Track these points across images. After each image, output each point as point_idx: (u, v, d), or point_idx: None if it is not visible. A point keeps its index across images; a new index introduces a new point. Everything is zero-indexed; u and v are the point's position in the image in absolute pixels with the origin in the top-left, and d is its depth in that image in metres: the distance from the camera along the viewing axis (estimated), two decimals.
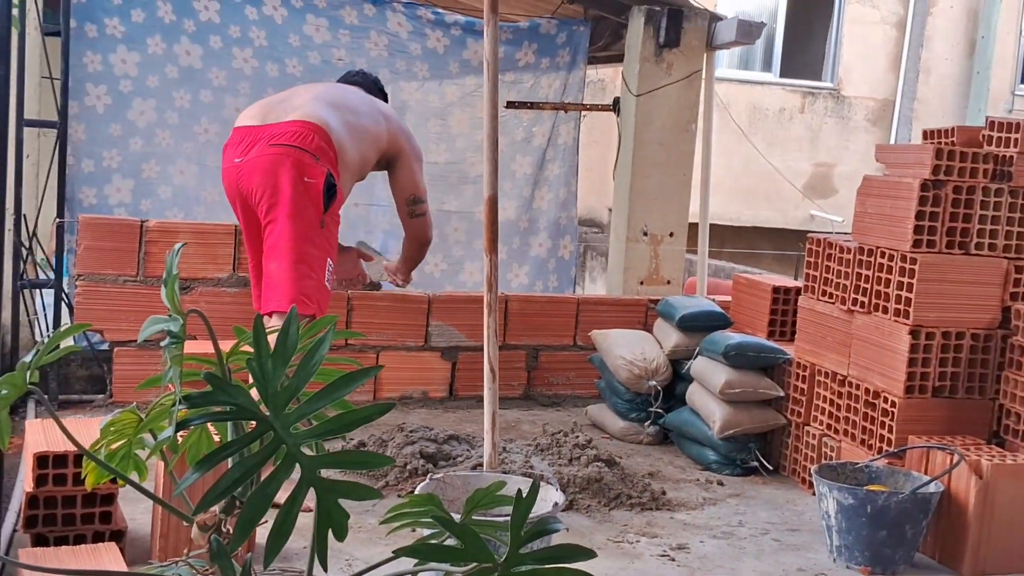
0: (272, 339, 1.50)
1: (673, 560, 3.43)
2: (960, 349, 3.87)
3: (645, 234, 6.26)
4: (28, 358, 1.53)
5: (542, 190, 6.84)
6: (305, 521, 1.45)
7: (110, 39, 5.59)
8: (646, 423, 4.80)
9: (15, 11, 2.17)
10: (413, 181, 4.44)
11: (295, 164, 3.82)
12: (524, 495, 1.55)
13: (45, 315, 5.16)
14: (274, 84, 5.83)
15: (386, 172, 4.51)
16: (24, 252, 4.93)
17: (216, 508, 1.61)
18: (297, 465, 1.48)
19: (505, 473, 3.51)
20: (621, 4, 6.43)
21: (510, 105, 6.56)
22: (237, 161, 3.94)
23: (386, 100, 4.68)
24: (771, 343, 4.62)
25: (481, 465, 3.74)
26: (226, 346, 1.72)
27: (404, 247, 4.74)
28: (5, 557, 1.48)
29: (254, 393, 1.50)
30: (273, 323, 3.67)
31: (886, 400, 3.89)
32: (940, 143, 4.10)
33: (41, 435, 3.17)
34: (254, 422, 1.50)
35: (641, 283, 6.27)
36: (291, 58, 5.99)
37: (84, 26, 5.48)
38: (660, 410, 4.78)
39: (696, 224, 6.72)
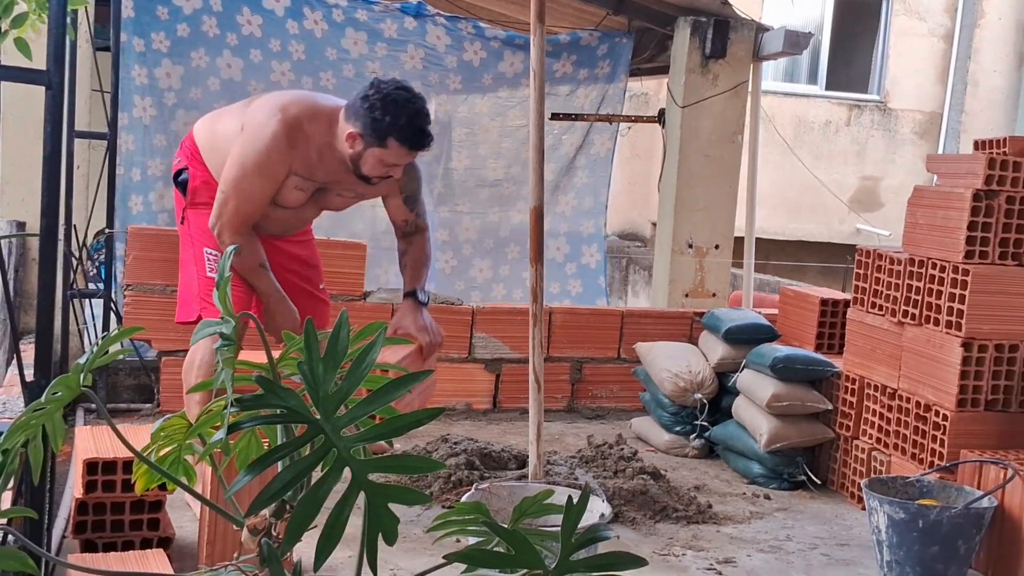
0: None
1: (720, 574, 3.38)
2: (1013, 362, 3.80)
3: (690, 246, 6.23)
4: (82, 360, 1.54)
5: (567, 196, 6.90)
6: (351, 531, 1.45)
7: (156, 53, 5.69)
8: (691, 436, 4.76)
9: (69, 19, 2.20)
10: (225, 172, 3.54)
11: (173, 172, 3.82)
12: (574, 503, 1.53)
13: (94, 324, 5.22)
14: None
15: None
16: (74, 262, 4.99)
17: (267, 512, 1.60)
18: (347, 469, 1.48)
19: (550, 484, 3.49)
20: (666, 15, 6.42)
21: (555, 117, 6.56)
22: None
23: (368, 124, 3.44)
24: (819, 356, 4.57)
25: (526, 476, 3.72)
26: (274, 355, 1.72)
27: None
28: (56, 558, 1.48)
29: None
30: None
31: (937, 414, 3.82)
32: (992, 153, 4.04)
33: (91, 442, 3.20)
34: (304, 426, 1.50)
35: (686, 295, 6.23)
36: (326, 71, 6.06)
37: (132, 40, 5.58)
38: (706, 423, 4.74)
39: (741, 238, 6.68)
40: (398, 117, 3.40)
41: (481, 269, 6.82)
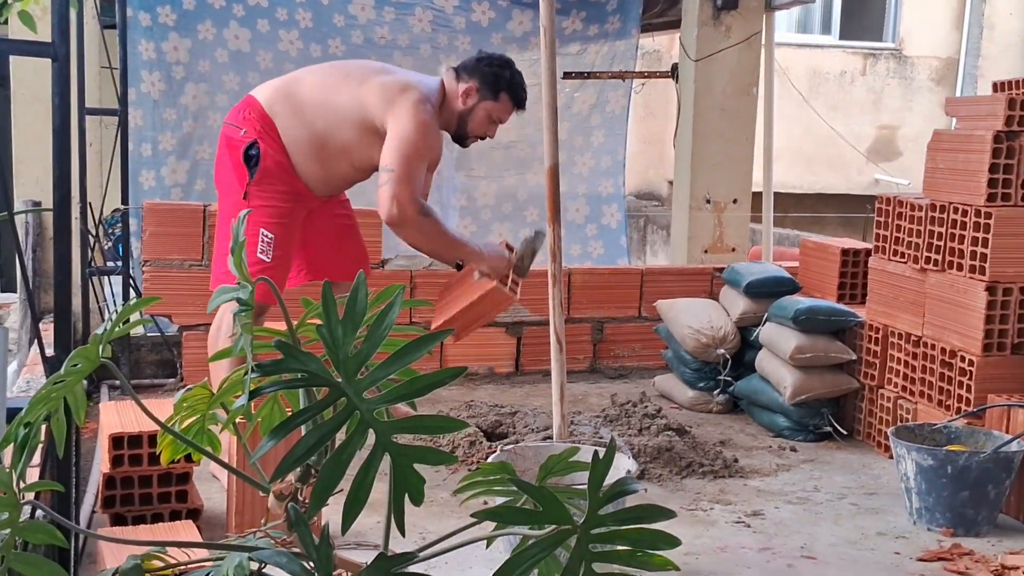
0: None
1: (749, 527, 3.38)
2: None
3: (708, 202, 6.19)
4: (99, 331, 1.53)
5: (584, 156, 6.82)
6: (378, 496, 1.44)
7: (162, 27, 5.68)
8: (715, 392, 4.74)
9: None
10: (388, 150, 3.63)
11: (224, 141, 3.74)
12: (600, 458, 1.52)
13: (114, 302, 5.23)
14: (315, 64, 5.88)
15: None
16: (91, 240, 4.99)
17: (291, 477, 1.60)
18: (370, 432, 1.47)
19: (575, 443, 3.48)
20: None
21: (567, 76, 6.50)
22: None
23: (487, 80, 3.88)
24: (842, 306, 4.53)
25: (551, 437, 3.72)
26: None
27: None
28: (86, 530, 1.49)
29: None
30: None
31: (963, 359, 3.79)
32: (1013, 94, 3.97)
33: (115, 417, 3.21)
34: (326, 389, 1.49)
35: (705, 251, 6.19)
36: (334, 38, 6.02)
37: (139, 15, 5.57)
38: (729, 378, 4.72)
39: (759, 192, 6.62)
40: (514, 74, 3.92)
41: (500, 233, 6.79)
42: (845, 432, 4.37)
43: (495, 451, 3.40)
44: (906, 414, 4.08)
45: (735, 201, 6.25)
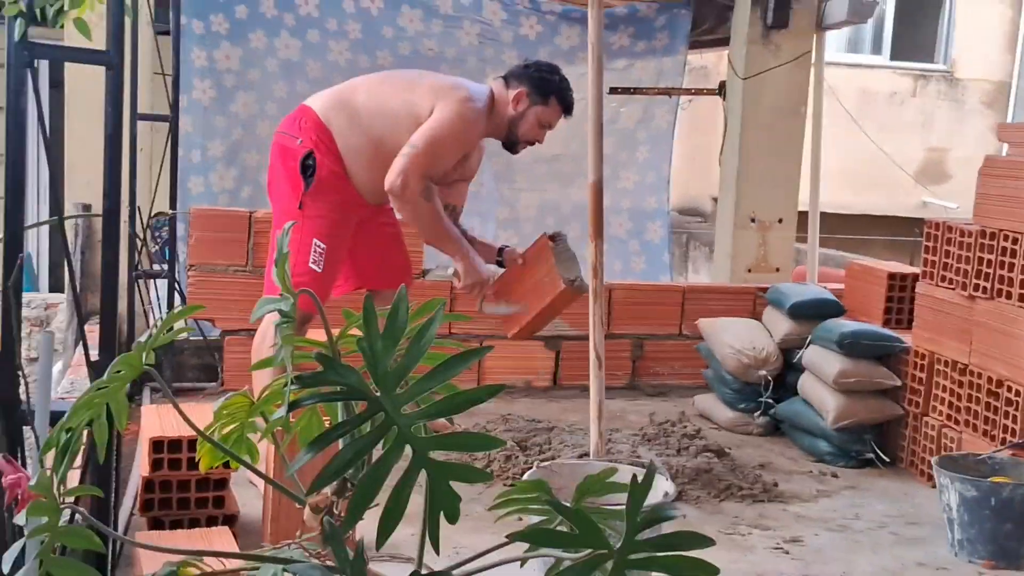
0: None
1: (787, 553, 3.34)
2: None
3: (753, 220, 6.14)
4: (143, 338, 1.54)
5: (628, 172, 6.80)
6: (413, 509, 1.43)
7: (215, 35, 5.74)
8: (756, 413, 4.70)
9: (128, 2, 2.21)
10: (420, 131, 3.71)
11: (279, 150, 3.77)
12: (639, 481, 1.50)
13: (159, 305, 5.28)
14: (365, 74, 5.91)
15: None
16: (138, 244, 5.05)
17: (328, 490, 1.60)
18: (408, 447, 1.46)
19: (612, 462, 3.46)
20: None
21: (613, 91, 6.49)
22: None
23: (537, 85, 3.95)
24: (887, 331, 4.47)
25: (587, 454, 3.70)
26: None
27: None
28: (121, 535, 1.50)
29: None
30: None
31: (1010, 389, 3.72)
32: None
33: (156, 421, 3.24)
34: (365, 403, 1.48)
35: (749, 271, 6.14)
36: (383, 49, 6.06)
37: (192, 23, 5.64)
38: (770, 400, 4.67)
39: (805, 212, 6.56)
40: (562, 79, 3.99)
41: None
42: (888, 459, 4.31)
43: (531, 467, 3.39)
44: (950, 443, 4.02)
45: (780, 220, 6.19)
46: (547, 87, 3.95)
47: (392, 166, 3.67)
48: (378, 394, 1.46)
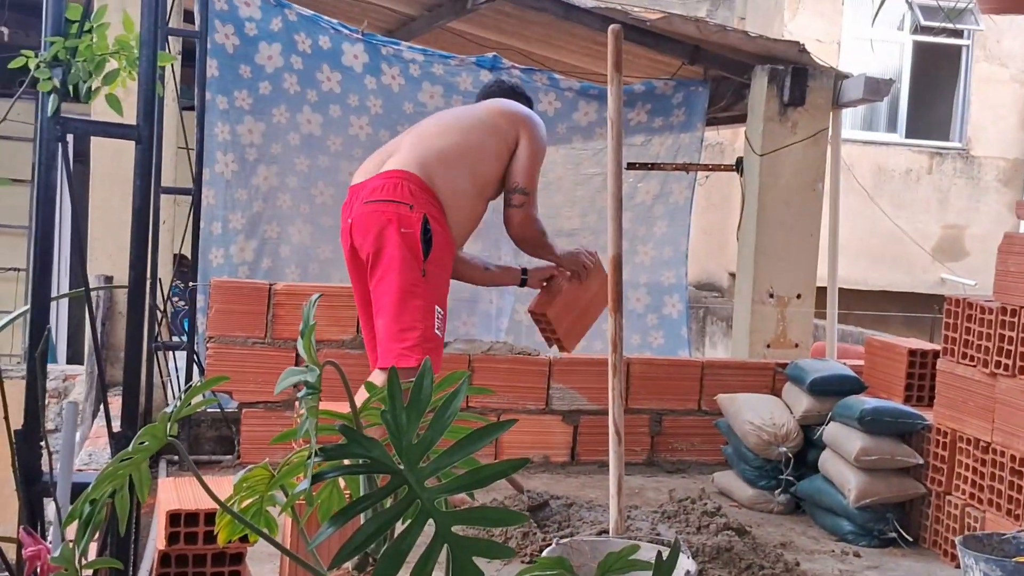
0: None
1: None
2: None
3: (771, 296, 6.14)
4: (168, 410, 1.54)
5: (646, 246, 6.83)
6: None
7: (238, 111, 5.82)
8: (776, 491, 4.64)
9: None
10: (521, 169, 4.14)
11: (391, 218, 3.80)
12: (663, 558, 1.49)
13: (177, 376, 5.29)
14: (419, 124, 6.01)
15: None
16: (158, 315, 5.07)
17: (349, 565, 1.58)
18: (430, 521, 1.46)
19: (632, 539, 3.42)
20: (743, 64, 6.39)
21: (631, 167, 6.55)
22: (348, 221, 3.99)
23: (530, 103, 4.54)
24: (909, 408, 4.44)
25: (607, 531, 3.65)
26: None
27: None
28: None
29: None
30: (374, 378, 3.65)
31: None
32: None
33: (173, 493, 3.22)
34: (387, 476, 1.48)
35: (768, 346, 6.12)
36: (403, 124, 6.12)
37: (216, 98, 5.71)
38: (791, 478, 4.62)
39: (823, 288, 6.56)
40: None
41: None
42: (911, 539, 4.24)
43: (549, 544, 3.35)
44: (974, 522, 3.96)
45: (799, 296, 6.19)
46: (531, 101, 4.51)
47: (513, 218, 4.13)
48: (402, 467, 1.46)
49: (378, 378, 3.69)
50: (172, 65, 5.43)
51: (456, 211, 3.95)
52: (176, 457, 4.69)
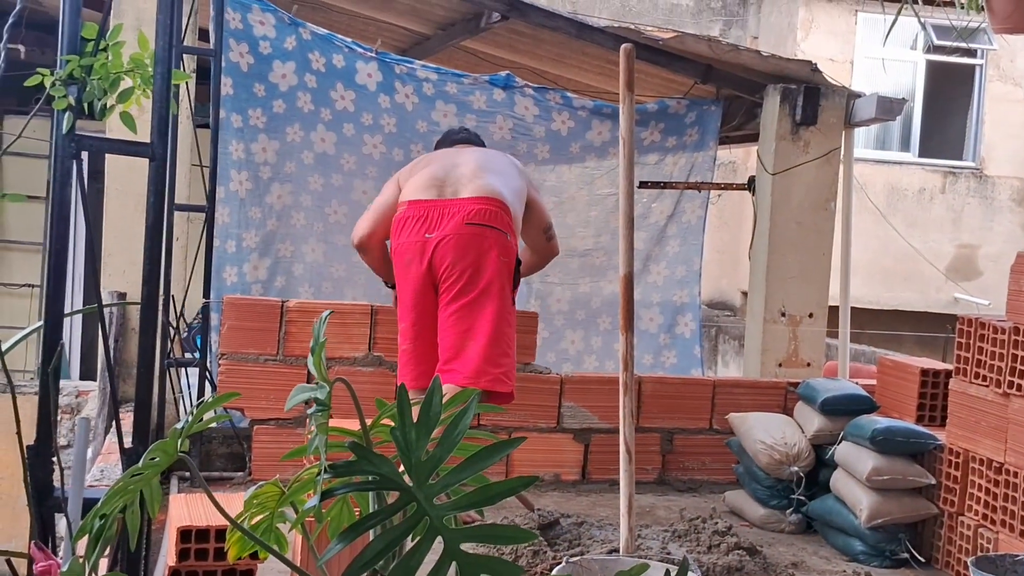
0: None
1: None
2: None
3: (783, 315, 6.13)
4: (179, 426, 1.55)
5: (659, 266, 6.83)
6: None
7: (253, 129, 5.84)
8: (788, 511, 4.62)
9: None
10: (545, 212, 4.62)
11: (496, 244, 4.00)
12: None
13: (189, 393, 5.30)
14: (398, 168, 5.99)
15: None
16: (171, 332, 5.09)
17: None
18: (439, 538, 1.46)
19: (642, 558, 3.41)
20: (755, 83, 6.40)
21: (643, 185, 6.56)
22: (428, 236, 4.07)
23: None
24: (921, 428, 4.42)
25: (617, 550, 3.64)
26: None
27: (529, 260, 4.73)
28: None
29: None
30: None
31: None
32: None
33: (184, 510, 3.23)
34: (397, 493, 1.48)
35: (779, 365, 6.11)
36: (416, 143, 6.15)
37: (231, 116, 5.74)
38: (803, 497, 4.60)
39: (835, 307, 6.55)
40: None
41: (573, 341, 6.77)
42: (923, 559, 4.22)
43: (559, 562, 3.34)
44: (987, 543, 3.93)
45: (811, 315, 6.18)
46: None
47: (554, 249, 4.73)
48: (411, 485, 1.46)
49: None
50: (187, 83, 5.47)
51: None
52: (188, 474, 4.70)
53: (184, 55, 5.31)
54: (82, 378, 8.94)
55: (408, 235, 4.11)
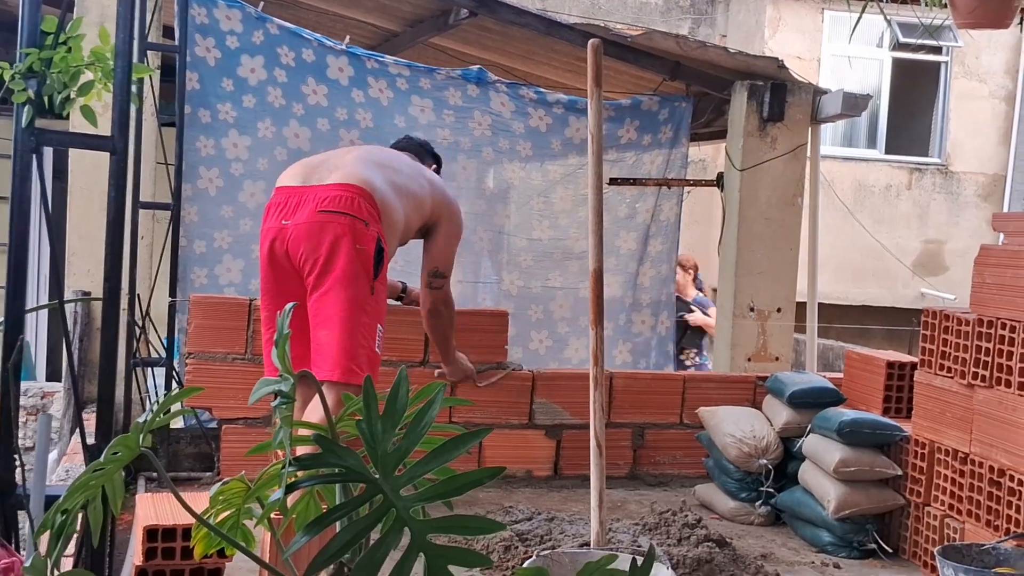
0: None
1: None
2: None
3: (752, 310, 6.16)
4: (141, 419, 1.54)
5: (645, 266, 6.80)
6: None
7: (222, 124, 5.72)
8: (757, 503, 4.65)
9: (134, 88, 2.25)
10: (443, 254, 4.33)
11: (348, 232, 3.75)
12: (639, 565, 1.49)
13: (156, 393, 5.26)
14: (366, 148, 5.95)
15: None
16: (137, 331, 5.05)
17: (325, 574, 1.58)
18: (406, 530, 1.45)
19: (613, 551, 3.41)
20: (723, 80, 6.43)
21: (613, 182, 6.56)
22: (285, 223, 3.87)
23: (438, 162, 4.74)
24: (887, 420, 4.45)
25: (588, 544, 3.65)
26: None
27: (428, 329, 4.57)
28: None
29: None
30: (325, 393, 3.55)
31: (1012, 478, 3.69)
32: None
33: (151, 509, 3.20)
34: (363, 485, 1.48)
35: (748, 360, 6.14)
36: (396, 138, 6.09)
37: (198, 112, 5.63)
38: (771, 489, 4.63)
39: (803, 303, 6.59)
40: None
41: (576, 349, 6.66)
42: (890, 550, 4.25)
43: (530, 556, 3.35)
44: (953, 533, 3.97)
45: (779, 310, 6.22)
46: (439, 160, 4.72)
47: (431, 297, 4.34)
48: (377, 476, 1.46)
49: (330, 394, 3.63)
50: (151, 80, 5.41)
51: (389, 240, 3.96)
52: (155, 474, 4.66)
53: (149, 52, 5.26)
54: (48, 379, 8.85)
55: (269, 222, 3.95)
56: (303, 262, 3.80)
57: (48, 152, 2.14)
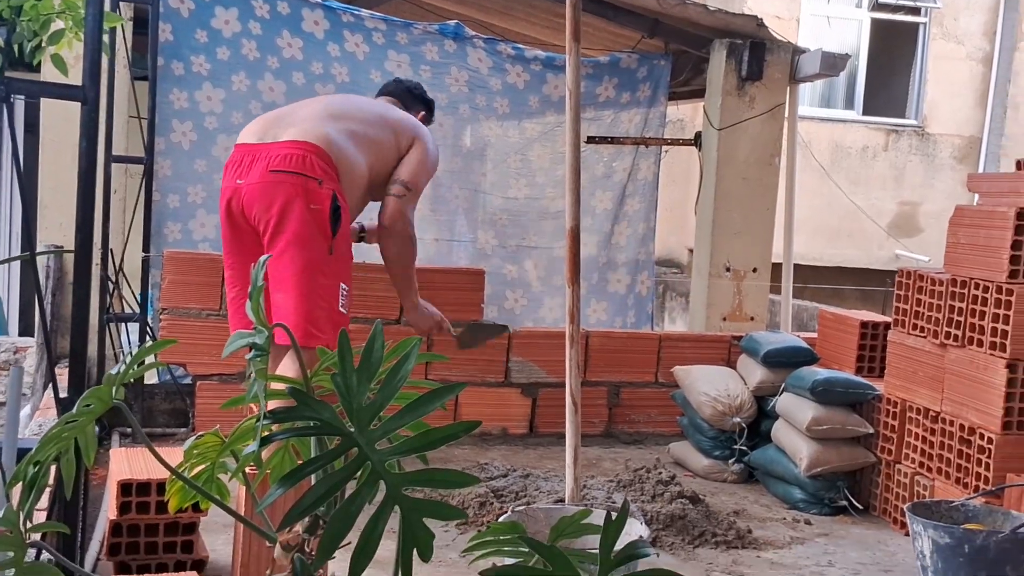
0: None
1: None
2: None
3: (728, 269, 6.18)
4: (114, 371, 1.52)
5: (621, 225, 6.78)
6: (386, 554, 1.41)
7: (196, 76, 5.65)
8: (730, 461, 4.69)
9: (105, 38, 2.21)
10: (410, 169, 4.04)
11: (299, 192, 3.63)
12: (613, 520, 1.49)
13: (130, 349, 5.23)
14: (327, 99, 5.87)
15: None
16: (110, 286, 5.01)
17: (299, 527, 1.58)
18: (381, 485, 1.45)
19: (587, 507, 3.43)
20: (702, 38, 6.40)
21: (591, 140, 6.52)
22: (239, 183, 3.76)
23: (429, 107, 4.57)
24: (860, 379, 4.50)
25: (563, 500, 3.67)
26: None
27: (386, 258, 4.19)
28: (88, 573, 1.47)
29: None
30: (284, 366, 3.46)
31: (982, 437, 3.74)
32: None
33: (125, 464, 3.19)
34: (338, 439, 1.47)
35: (724, 319, 6.17)
36: (370, 93, 6.02)
37: (171, 64, 5.55)
38: (745, 447, 4.67)
39: (779, 264, 6.61)
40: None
41: (551, 308, 6.65)
42: (861, 507, 4.31)
43: (505, 511, 3.36)
44: (923, 490, 4.02)
45: (755, 270, 6.24)
46: (431, 104, 4.55)
47: (389, 205, 3.98)
48: (352, 430, 1.45)
49: (289, 365, 3.52)
50: (123, 32, 5.33)
51: (353, 199, 3.85)
52: (129, 429, 4.65)
53: (121, 3, 5.18)
54: (21, 334, 8.79)
55: (226, 180, 3.84)
56: (257, 222, 3.69)
57: (20, 105, 2.10)
